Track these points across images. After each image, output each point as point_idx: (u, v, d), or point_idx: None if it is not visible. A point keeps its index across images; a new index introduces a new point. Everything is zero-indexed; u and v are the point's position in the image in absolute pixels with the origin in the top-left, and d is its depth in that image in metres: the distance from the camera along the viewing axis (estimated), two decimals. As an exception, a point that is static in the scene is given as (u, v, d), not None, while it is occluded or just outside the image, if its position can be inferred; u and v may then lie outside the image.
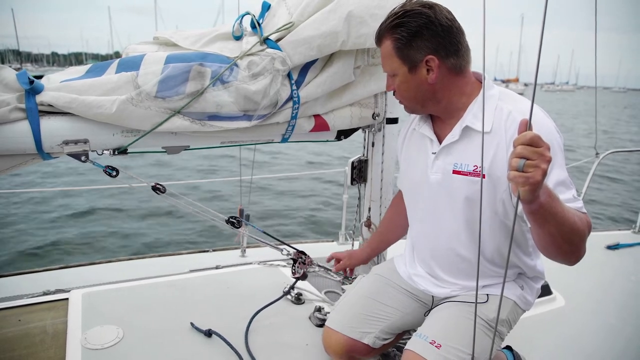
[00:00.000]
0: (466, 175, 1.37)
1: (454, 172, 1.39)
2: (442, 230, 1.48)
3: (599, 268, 2.90)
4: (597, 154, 3.65)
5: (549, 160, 0.91)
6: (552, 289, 2.41)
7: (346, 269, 1.92)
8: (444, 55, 1.31)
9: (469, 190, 1.37)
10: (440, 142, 1.44)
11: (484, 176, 1.31)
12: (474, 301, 1.42)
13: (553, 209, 1.03)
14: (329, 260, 1.95)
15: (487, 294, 1.48)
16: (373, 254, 1.92)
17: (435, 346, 1.34)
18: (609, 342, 2.19)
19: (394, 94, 1.47)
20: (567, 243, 1.12)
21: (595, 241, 3.26)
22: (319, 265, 2.05)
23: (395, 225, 1.80)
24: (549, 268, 1.50)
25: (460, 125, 1.37)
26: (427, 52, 1.30)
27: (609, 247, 3.20)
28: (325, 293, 2.14)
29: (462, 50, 1.33)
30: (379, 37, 1.39)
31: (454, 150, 1.40)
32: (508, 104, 1.33)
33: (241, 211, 2.47)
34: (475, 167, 1.35)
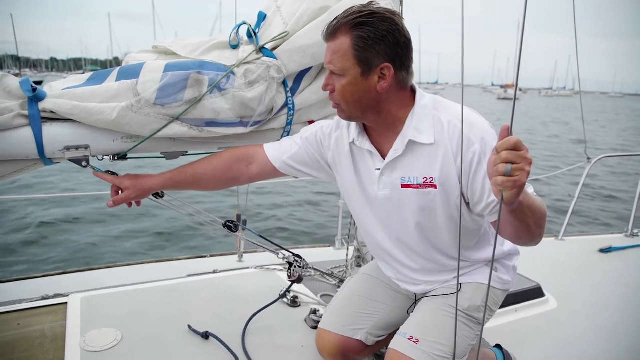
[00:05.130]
0: (417, 188, 1.36)
1: (403, 185, 1.38)
2: (397, 241, 1.50)
3: (592, 271, 2.93)
4: (588, 158, 3.69)
5: (530, 162, 0.94)
6: (545, 292, 2.43)
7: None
8: (398, 67, 1.28)
9: (422, 202, 1.37)
10: (381, 156, 1.42)
11: (435, 187, 1.33)
12: (448, 293, 1.47)
13: (528, 202, 1.08)
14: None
15: (460, 283, 1.51)
16: (169, 184, 1.59)
17: (413, 341, 1.37)
18: (601, 344, 2.22)
19: (330, 94, 1.37)
20: (539, 228, 1.18)
21: (588, 244, 3.30)
22: (315, 269, 2.08)
23: (218, 180, 1.62)
24: (541, 271, 1.52)
25: (403, 139, 1.34)
26: (384, 60, 1.26)
27: (602, 251, 3.22)
28: (320, 296, 2.17)
29: (411, 67, 1.33)
30: (334, 31, 1.28)
31: (400, 165, 1.38)
32: (443, 112, 1.34)
33: (238, 216, 2.50)
34: (425, 179, 1.35)
